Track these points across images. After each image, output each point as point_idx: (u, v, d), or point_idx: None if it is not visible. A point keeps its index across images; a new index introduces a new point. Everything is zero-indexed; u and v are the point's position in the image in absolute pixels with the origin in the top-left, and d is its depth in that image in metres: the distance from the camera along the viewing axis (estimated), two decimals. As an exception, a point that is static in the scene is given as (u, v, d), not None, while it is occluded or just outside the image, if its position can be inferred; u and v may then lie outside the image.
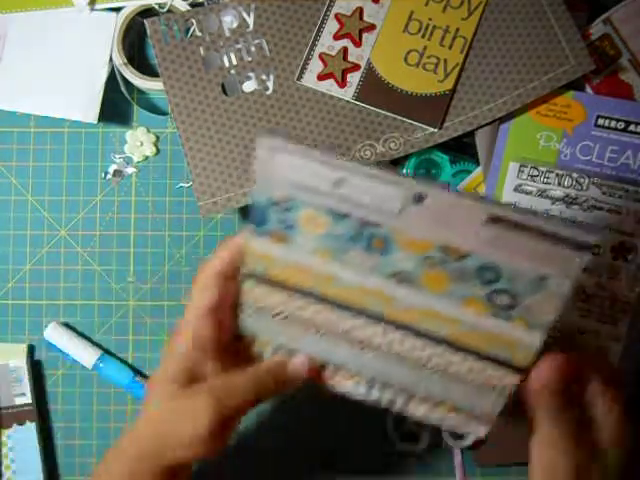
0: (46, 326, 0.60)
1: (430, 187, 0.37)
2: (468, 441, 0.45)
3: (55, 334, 0.60)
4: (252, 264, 0.43)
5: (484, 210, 0.36)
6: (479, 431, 0.45)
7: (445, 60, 0.60)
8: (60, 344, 0.60)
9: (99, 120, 0.60)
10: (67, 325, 0.61)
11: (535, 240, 0.37)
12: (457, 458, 0.60)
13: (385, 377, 0.45)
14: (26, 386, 0.59)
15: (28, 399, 0.59)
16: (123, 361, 0.61)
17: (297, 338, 0.44)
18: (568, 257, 0.36)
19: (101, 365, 0.60)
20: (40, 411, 0.60)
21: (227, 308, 0.45)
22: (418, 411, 0.45)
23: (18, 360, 0.60)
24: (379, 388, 0.45)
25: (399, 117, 0.59)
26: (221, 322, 0.45)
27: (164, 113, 0.63)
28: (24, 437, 0.59)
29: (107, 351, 0.61)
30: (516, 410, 0.44)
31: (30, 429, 0.59)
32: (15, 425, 0.59)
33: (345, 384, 0.45)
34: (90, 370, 0.60)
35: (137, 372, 0.60)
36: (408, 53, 0.60)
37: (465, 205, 0.37)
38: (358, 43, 0.60)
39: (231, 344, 0.46)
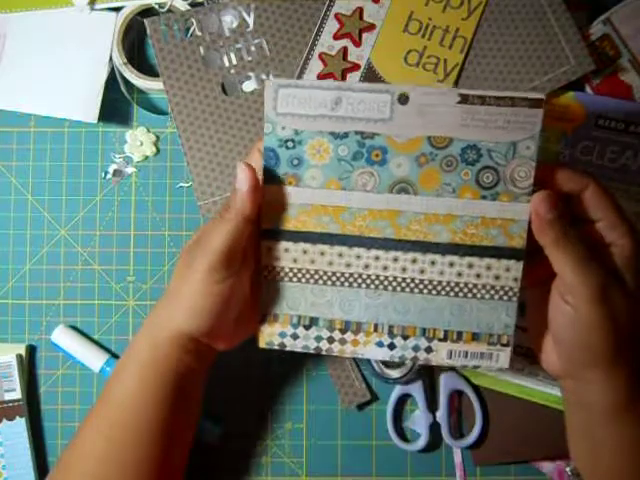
0: (46, 326, 0.60)
1: (410, 86, 0.45)
2: (500, 363, 0.47)
3: (62, 337, 0.60)
4: (269, 218, 0.47)
5: (455, 92, 0.44)
6: (503, 359, 0.47)
7: (445, 60, 0.60)
8: (67, 347, 0.60)
9: (99, 120, 0.60)
10: (74, 328, 0.61)
11: (498, 107, 0.44)
12: (457, 458, 0.60)
13: (403, 319, 0.48)
14: (16, 382, 0.59)
15: (18, 394, 0.59)
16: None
17: (318, 294, 0.48)
18: (528, 116, 0.44)
19: (108, 369, 0.59)
20: (39, 410, 0.60)
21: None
22: (441, 353, 0.48)
23: (8, 356, 0.60)
24: (400, 336, 0.48)
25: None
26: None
27: (164, 113, 0.63)
28: (14, 432, 0.59)
29: (107, 351, 0.61)
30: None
31: (20, 424, 0.59)
32: (5, 420, 0.59)
33: (369, 347, 0.48)
34: (89, 370, 0.60)
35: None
36: (408, 53, 0.60)
37: (440, 92, 0.45)
38: (358, 43, 0.60)
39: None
